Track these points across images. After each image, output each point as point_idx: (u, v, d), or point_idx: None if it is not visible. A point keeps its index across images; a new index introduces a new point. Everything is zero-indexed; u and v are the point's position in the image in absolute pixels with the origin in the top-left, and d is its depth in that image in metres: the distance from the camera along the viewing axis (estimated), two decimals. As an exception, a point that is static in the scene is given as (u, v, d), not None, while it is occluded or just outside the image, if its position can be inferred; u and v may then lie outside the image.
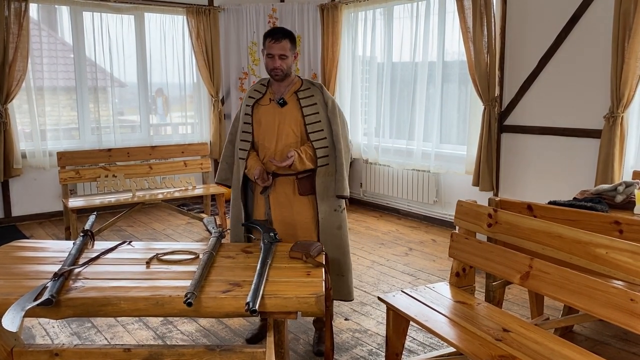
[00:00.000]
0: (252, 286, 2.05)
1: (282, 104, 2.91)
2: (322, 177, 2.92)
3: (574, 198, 3.28)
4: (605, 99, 4.26)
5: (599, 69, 4.34)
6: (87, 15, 6.21)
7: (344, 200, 3.02)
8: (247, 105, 2.99)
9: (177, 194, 5.39)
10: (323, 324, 3.13)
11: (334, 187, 2.95)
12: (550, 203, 3.03)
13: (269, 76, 2.96)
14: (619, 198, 3.17)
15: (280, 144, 2.90)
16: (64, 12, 6.21)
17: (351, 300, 3.17)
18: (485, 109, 5.01)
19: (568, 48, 4.56)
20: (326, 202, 2.94)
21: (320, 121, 2.91)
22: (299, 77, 3.01)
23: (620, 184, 3.24)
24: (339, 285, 3.03)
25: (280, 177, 2.92)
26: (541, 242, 2.40)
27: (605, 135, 4.22)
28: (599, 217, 2.58)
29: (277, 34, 2.83)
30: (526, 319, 3.18)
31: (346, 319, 3.51)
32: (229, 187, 3.12)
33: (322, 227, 2.94)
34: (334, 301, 3.32)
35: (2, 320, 1.85)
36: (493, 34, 4.85)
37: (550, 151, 4.78)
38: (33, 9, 5.87)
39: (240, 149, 2.98)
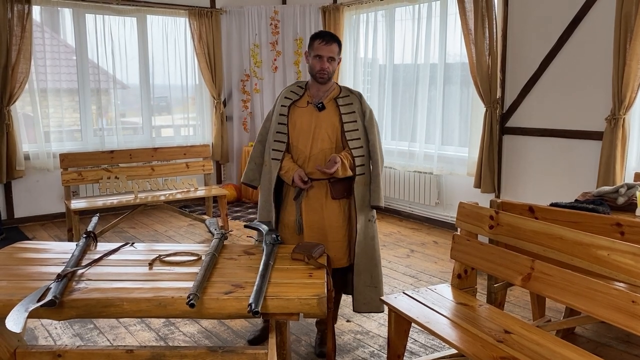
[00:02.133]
0: (255, 287, 2.05)
1: (321, 108, 2.88)
2: (360, 186, 2.90)
3: (576, 200, 3.28)
4: (607, 101, 4.26)
5: (601, 71, 4.34)
6: (89, 18, 6.23)
7: (375, 210, 3.01)
8: (282, 106, 2.94)
9: (179, 196, 5.40)
10: (325, 325, 3.13)
11: (369, 197, 2.94)
12: (551, 205, 3.04)
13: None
14: (621, 200, 3.18)
15: (315, 148, 2.88)
16: (66, 14, 6.24)
17: (382, 312, 3.08)
18: (486, 110, 5.01)
19: (570, 50, 4.57)
20: (363, 212, 2.93)
21: (357, 130, 2.91)
22: (337, 84, 3.01)
23: (622, 186, 3.24)
24: (372, 297, 2.97)
25: (313, 181, 2.89)
26: (543, 243, 2.40)
27: (607, 137, 4.22)
28: (601, 219, 2.58)
29: (327, 36, 2.84)
30: (528, 321, 3.19)
31: (348, 321, 3.51)
32: (255, 187, 3.08)
33: (359, 239, 2.92)
34: (340, 304, 3.32)
35: (6, 321, 1.86)
36: (494, 36, 4.86)
37: (551, 153, 4.78)
38: (36, 11, 5.90)
39: (274, 150, 2.92)
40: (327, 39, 2.83)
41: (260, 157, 3.03)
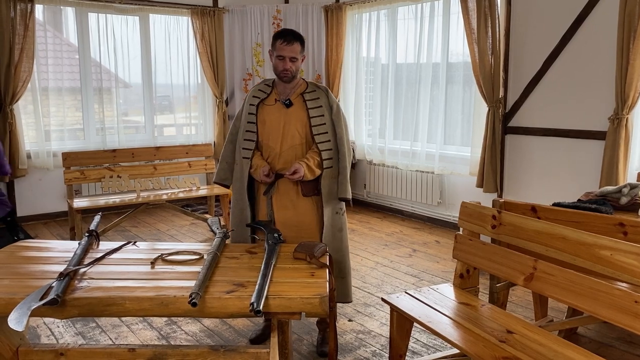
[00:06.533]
0: (256, 287, 2.05)
1: (288, 104, 2.91)
2: (327, 179, 2.93)
3: (579, 200, 3.28)
4: (610, 100, 4.25)
5: (604, 71, 4.33)
6: (92, 16, 6.24)
7: (344, 203, 3.03)
8: (251, 105, 2.97)
9: (181, 195, 5.41)
10: (327, 324, 3.13)
11: (336, 190, 2.96)
12: (554, 205, 3.03)
13: (273, 77, 2.97)
14: (624, 200, 3.17)
15: (285, 145, 2.91)
16: (69, 13, 6.25)
17: (350, 302, 3.17)
18: (489, 110, 5.01)
19: (573, 49, 4.55)
20: (330, 204, 2.95)
21: (325, 124, 2.93)
22: (304, 79, 3.02)
23: (625, 186, 3.23)
24: (340, 287, 3.02)
25: (283, 177, 2.92)
26: (545, 243, 2.40)
27: (610, 136, 4.21)
28: (604, 218, 2.57)
29: (289, 36, 2.83)
30: (530, 321, 3.18)
31: (350, 320, 3.51)
32: (228, 187, 3.12)
33: (326, 230, 2.95)
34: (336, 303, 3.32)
35: (9, 319, 1.86)
36: (497, 35, 4.84)
37: (554, 153, 4.77)
38: (39, 10, 5.90)
39: (244, 149, 2.96)
40: (288, 39, 2.82)
41: (231, 157, 3.06)
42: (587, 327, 3.34)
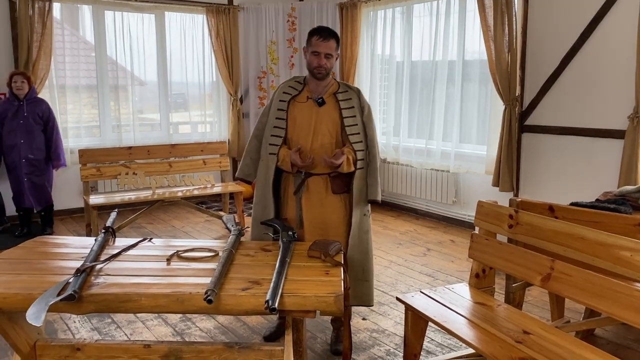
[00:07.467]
0: (272, 284, 2.05)
1: (321, 103, 2.90)
2: (358, 180, 2.91)
3: (597, 199, 3.23)
4: (630, 99, 4.18)
5: (623, 69, 4.26)
6: (108, 14, 6.29)
7: (370, 205, 3.01)
8: (281, 101, 2.95)
9: (196, 192, 5.43)
10: (341, 323, 3.12)
11: (365, 191, 2.94)
12: (572, 204, 2.99)
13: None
14: (643, 200, 3.12)
15: (316, 143, 2.89)
16: (86, 11, 6.30)
17: (371, 306, 3.14)
18: (505, 108, 4.95)
19: (591, 47, 4.49)
20: (359, 206, 2.94)
21: (357, 124, 2.92)
22: (335, 79, 3.02)
23: (644, 186, 3.18)
24: (363, 290, 2.98)
25: (313, 176, 2.90)
26: (563, 243, 2.37)
27: (629, 135, 4.15)
28: (623, 219, 2.54)
29: (325, 32, 2.84)
30: (546, 321, 3.15)
31: (364, 319, 3.50)
32: (250, 183, 3.09)
33: (353, 232, 2.92)
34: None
35: (27, 314, 1.88)
36: (514, 32, 4.79)
37: (572, 152, 4.71)
38: (56, 8, 5.96)
39: (270, 144, 2.93)
40: (324, 36, 2.83)
41: (256, 153, 3.03)
42: (605, 329, 3.30)
